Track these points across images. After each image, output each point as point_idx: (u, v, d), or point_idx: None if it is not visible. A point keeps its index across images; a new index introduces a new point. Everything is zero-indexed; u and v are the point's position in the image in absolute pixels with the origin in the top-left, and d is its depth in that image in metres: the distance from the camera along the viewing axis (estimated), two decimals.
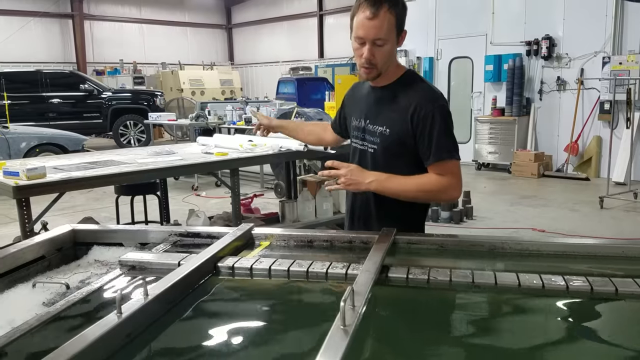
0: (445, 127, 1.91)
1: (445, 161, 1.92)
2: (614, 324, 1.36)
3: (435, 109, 1.90)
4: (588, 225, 6.12)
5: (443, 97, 1.98)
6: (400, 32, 1.88)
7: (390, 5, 1.80)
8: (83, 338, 1.08)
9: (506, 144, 9.58)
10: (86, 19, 19.75)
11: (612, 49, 8.51)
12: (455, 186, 1.96)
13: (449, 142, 1.92)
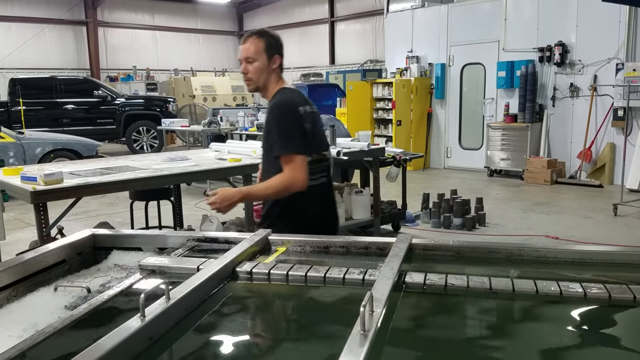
0: (277, 127, 2.38)
1: (282, 157, 2.36)
2: (632, 331, 1.35)
3: (271, 112, 2.42)
4: (602, 233, 6.07)
5: (286, 102, 2.42)
6: (271, 56, 2.43)
7: (258, 35, 2.43)
8: (107, 341, 1.10)
9: (519, 150, 9.54)
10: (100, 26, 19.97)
11: (625, 55, 8.46)
12: (293, 178, 2.34)
13: (282, 140, 2.36)
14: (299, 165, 2.34)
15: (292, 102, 2.41)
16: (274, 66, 2.45)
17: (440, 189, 7.23)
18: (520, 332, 1.35)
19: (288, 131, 2.37)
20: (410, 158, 6.63)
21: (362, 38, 19.10)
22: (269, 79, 2.46)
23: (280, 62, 2.47)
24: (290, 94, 2.47)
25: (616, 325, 1.38)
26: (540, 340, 1.29)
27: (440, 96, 10.98)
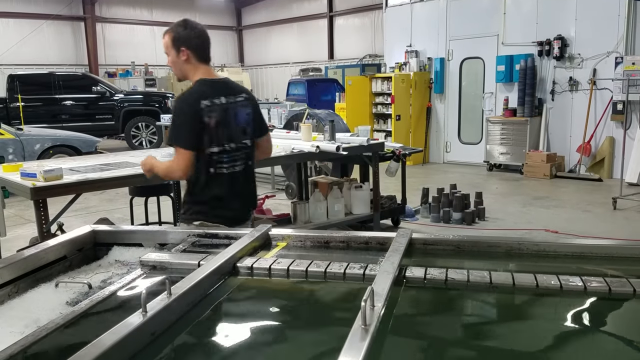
0: (173, 119, 2.65)
1: (173, 146, 2.61)
2: (632, 324, 1.36)
3: (173, 103, 2.76)
4: (601, 227, 6.08)
5: (187, 96, 2.64)
6: (178, 49, 2.61)
7: (169, 30, 2.65)
8: (109, 337, 1.10)
9: (518, 144, 9.54)
10: (98, 22, 19.91)
11: (624, 49, 8.46)
12: (173, 167, 2.62)
13: (172, 132, 2.62)
14: (181, 157, 2.56)
15: (193, 96, 2.60)
16: (183, 58, 2.61)
17: (440, 183, 7.24)
18: (521, 326, 1.36)
19: (178, 125, 2.61)
20: (410, 153, 6.64)
21: (361, 32, 19.06)
22: (185, 70, 2.66)
23: (188, 54, 2.60)
24: (199, 87, 2.63)
25: (616, 319, 1.39)
26: (540, 334, 1.29)
27: (440, 91, 10.97)
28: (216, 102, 2.61)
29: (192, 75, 2.66)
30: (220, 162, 2.64)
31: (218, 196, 2.66)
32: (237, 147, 2.69)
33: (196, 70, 2.65)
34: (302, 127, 5.35)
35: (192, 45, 2.61)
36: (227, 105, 2.65)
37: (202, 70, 2.66)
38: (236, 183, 2.71)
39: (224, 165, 2.65)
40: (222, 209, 2.67)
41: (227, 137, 2.64)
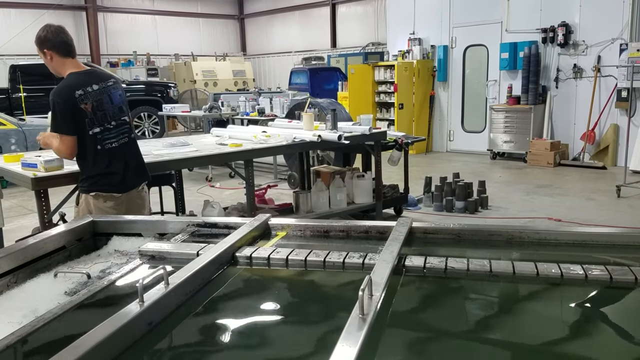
0: (52, 110, 3.01)
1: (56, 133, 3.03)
2: (633, 312, 1.35)
3: (51, 97, 3.02)
4: (605, 214, 6.06)
5: (61, 89, 3.01)
6: (43, 51, 3.02)
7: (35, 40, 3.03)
8: (106, 326, 1.10)
9: (522, 132, 9.49)
10: (99, 11, 19.82)
11: (629, 35, 8.37)
12: (59, 150, 3.06)
13: (54, 122, 3.04)
14: (65, 142, 2.99)
15: (68, 89, 3.00)
16: (49, 58, 3.01)
17: (443, 172, 7.22)
18: (521, 315, 1.35)
19: (58, 116, 2.99)
20: (412, 141, 6.60)
21: (363, 20, 18.93)
22: (57, 68, 3.06)
23: (51, 54, 3.00)
24: (71, 80, 3.03)
25: (618, 307, 1.38)
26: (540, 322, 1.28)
27: (443, 79, 10.90)
28: (89, 90, 3.04)
29: (62, 71, 3.06)
30: (105, 140, 3.09)
31: (108, 168, 3.12)
32: (118, 124, 3.15)
33: (64, 65, 3.05)
34: (303, 116, 5.32)
35: (52, 45, 3.00)
36: (99, 90, 3.08)
37: (69, 64, 3.06)
38: (123, 154, 3.18)
39: (109, 141, 3.11)
40: (113, 179, 3.13)
41: (107, 117, 3.09)
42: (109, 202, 3.15)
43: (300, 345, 1.25)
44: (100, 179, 3.13)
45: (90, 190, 3.14)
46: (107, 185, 3.13)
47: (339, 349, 0.97)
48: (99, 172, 3.12)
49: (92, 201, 3.14)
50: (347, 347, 0.97)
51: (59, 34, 3.04)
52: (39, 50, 3.04)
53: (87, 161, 3.10)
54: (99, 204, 3.14)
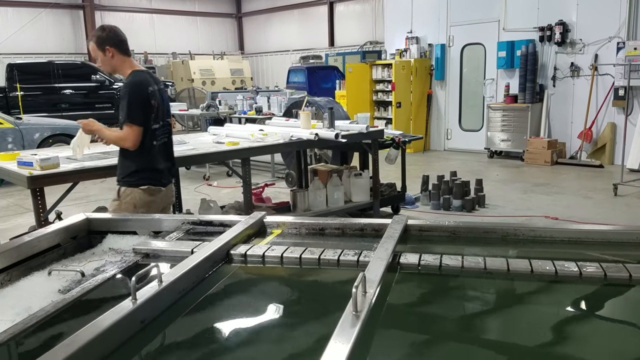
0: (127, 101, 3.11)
1: (125, 123, 3.11)
2: (627, 309, 1.35)
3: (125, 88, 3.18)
4: (602, 213, 6.06)
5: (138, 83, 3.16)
6: (104, 49, 3.13)
7: (91, 36, 3.17)
8: (99, 324, 1.09)
9: (519, 131, 9.49)
10: (97, 10, 19.77)
11: (626, 34, 8.38)
12: (126, 137, 3.13)
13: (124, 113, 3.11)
14: (133, 132, 3.11)
15: (142, 84, 3.17)
16: (110, 55, 3.14)
17: (440, 171, 7.22)
18: (515, 312, 1.35)
19: (133, 106, 3.11)
20: (410, 140, 6.60)
21: (361, 19, 18.92)
22: (117, 65, 3.19)
23: (114, 50, 3.13)
24: (141, 77, 3.21)
25: (612, 304, 1.38)
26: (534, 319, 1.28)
27: (440, 77, 10.90)
28: (155, 89, 3.22)
29: (123, 67, 3.20)
30: (159, 136, 3.28)
31: (159, 163, 3.30)
32: (164, 123, 3.35)
33: (125, 62, 3.21)
34: (301, 115, 5.32)
35: (114, 43, 3.14)
36: (160, 90, 3.30)
37: (129, 62, 3.23)
38: (167, 151, 3.40)
39: (161, 138, 3.30)
40: (161, 174, 3.32)
41: (162, 116, 3.30)
42: (155, 196, 3.29)
43: (295, 342, 1.25)
44: (152, 173, 3.27)
45: (140, 184, 3.23)
46: (157, 179, 3.29)
47: (331, 345, 0.97)
48: (153, 167, 3.27)
49: (138, 195, 3.24)
50: (340, 344, 0.97)
51: (119, 32, 3.20)
52: (98, 49, 3.11)
53: (143, 154, 3.21)
54: (146, 197, 3.25)
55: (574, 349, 1.15)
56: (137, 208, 3.23)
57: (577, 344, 1.17)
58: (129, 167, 3.25)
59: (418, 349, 1.19)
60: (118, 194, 3.30)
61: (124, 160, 3.28)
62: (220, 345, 1.26)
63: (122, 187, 3.27)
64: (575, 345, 1.17)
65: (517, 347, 1.16)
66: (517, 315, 1.32)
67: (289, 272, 1.58)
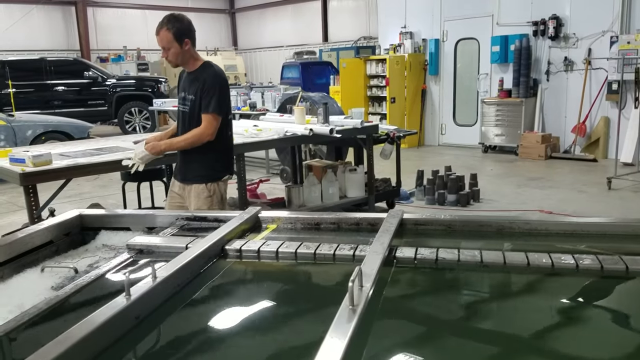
0: (215, 91, 3.05)
1: (208, 114, 3.05)
2: (624, 302, 1.34)
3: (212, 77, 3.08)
4: (596, 207, 6.08)
5: (222, 73, 3.20)
6: (182, 41, 3.02)
7: (168, 26, 2.99)
8: (92, 320, 1.08)
9: (513, 126, 9.50)
10: (89, 6, 19.61)
11: (620, 28, 8.39)
12: (207, 132, 3.07)
13: (214, 104, 3.04)
14: (215, 122, 3.07)
15: (224, 74, 3.21)
16: (186, 48, 3.05)
17: (435, 165, 7.22)
18: (513, 305, 1.34)
19: (222, 96, 3.09)
20: (404, 135, 6.60)
21: (355, 14, 18.86)
22: (186, 57, 3.10)
23: (190, 42, 3.06)
24: (218, 67, 3.21)
25: (609, 296, 1.38)
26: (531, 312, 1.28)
27: (434, 72, 10.89)
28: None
29: (193, 59, 3.13)
30: (231, 126, 3.33)
31: (232, 152, 3.40)
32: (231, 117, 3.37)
33: (195, 54, 3.15)
34: (295, 110, 5.30)
35: (192, 35, 3.08)
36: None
37: (197, 54, 3.18)
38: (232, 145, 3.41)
39: (230, 130, 3.33)
40: (232, 163, 3.43)
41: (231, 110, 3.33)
42: (227, 186, 3.34)
43: (291, 337, 1.24)
44: (229, 163, 3.35)
45: (223, 175, 3.25)
46: (231, 169, 3.39)
47: (328, 340, 0.96)
48: (230, 156, 3.37)
49: (224, 187, 3.27)
50: (337, 339, 0.96)
51: (192, 23, 3.15)
52: (175, 40, 3.01)
53: (224, 145, 3.24)
54: (224, 187, 3.30)
55: (571, 341, 1.15)
56: (224, 200, 3.29)
57: (575, 336, 1.17)
58: (210, 161, 3.20)
59: (415, 343, 1.18)
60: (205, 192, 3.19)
61: (202, 156, 3.18)
62: (216, 341, 1.25)
63: (208, 184, 3.18)
64: (573, 337, 1.17)
65: (514, 340, 1.15)
66: (514, 308, 1.31)
67: (285, 267, 1.57)
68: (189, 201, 3.27)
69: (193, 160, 3.22)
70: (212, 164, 3.22)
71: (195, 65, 3.14)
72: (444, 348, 1.15)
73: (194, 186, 3.23)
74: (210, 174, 3.22)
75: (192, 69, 3.16)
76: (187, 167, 3.27)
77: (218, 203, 3.24)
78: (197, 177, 3.22)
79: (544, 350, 1.10)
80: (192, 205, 3.21)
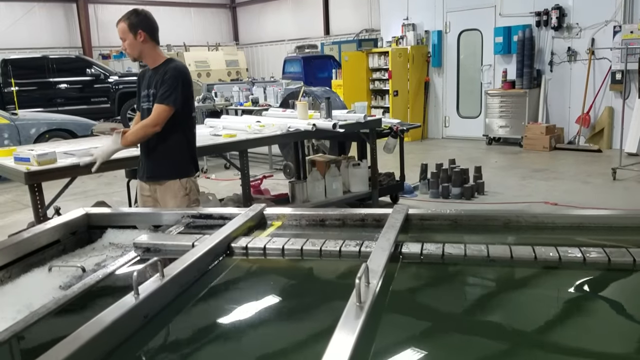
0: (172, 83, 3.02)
1: (158, 104, 3.02)
2: (632, 294, 1.34)
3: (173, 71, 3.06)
4: (601, 197, 6.07)
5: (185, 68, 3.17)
6: (135, 32, 3.05)
7: (124, 17, 3.09)
8: (101, 320, 1.08)
9: (517, 117, 9.48)
10: (90, 3, 19.58)
11: (623, 17, 8.34)
12: (152, 122, 3.03)
13: (169, 96, 3.01)
14: (164, 114, 3.01)
15: (188, 70, 3.18)
16: (140, 39, 3.07)
17: (439, 159, 7.21)
18: (520, 300, 1.34)
19: (181, 91, 3.05)
20: (408, 128, 6.58)
21: (357, 7, 18.78)
22: (144, 51, 3.10)
23: (145, 35, 3.06)
24: (182, 63, 3.23)
25: (616, 289, 1.37)
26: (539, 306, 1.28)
27: (437, 64, 10.86)
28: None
29: (154, 55, 3.14)
30: (194, 125, 3.32)
31: (195, 150, 3.33)
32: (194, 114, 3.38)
33: (155, 49, 3.16)
34: (298, 105, 5.29)
35: (146, 28, 3.09)
36: None
37: (159, 50, 3.20)
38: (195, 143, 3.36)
39: (195, 127, 3.33)
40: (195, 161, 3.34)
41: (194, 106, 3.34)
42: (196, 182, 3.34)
43: (298, 334, 1.24)
44: (194, 161, 3.32)
45: (192, 171, 3.27)
46: (197, 167, 3.35)
47: (336, 337, 0.96)
48: (195, 154, 3.32)
49: (194, 184, 3.28)
50: (345, 335, 0.97)
51: (152, 18, 3.16)
52: (129, 31, 3.04)
53: (190, 143, 3.24)
54: (197, 184, 3.32)
55: (579, 334, 1.15)
56: (198, 199, 3.30)
57: (582, 330, 1.17)
58: (178, 156, 3.19)
59: (422, 338, 1.18)
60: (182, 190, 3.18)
61: (169, 151, 3.17)
62: (224, 338, 1.26)
63: (183, 180, 3.17)
64: (580, 331, 1.17)
65: (523, 334, 1.15)
66: (522, 302, 1.31)
67: (291, 264, 1.57)
68: (164, 202, 3.19)
69: (160, 157, 3.18)
70: (180, 159, 3.20)
71: (157, 62, 3.15)
72: (451, 343, 1.15)
73: (168, 185, 3.16)
74: (181, 169, 3.21)
75: (154, 65, 3.16)
76: (155, 165, 3.22)
77: (196, 201, 3.21)
78: (169, 174, 3.18)
79: (552, 344, 1.10)
80: (169, 206, 3.12)
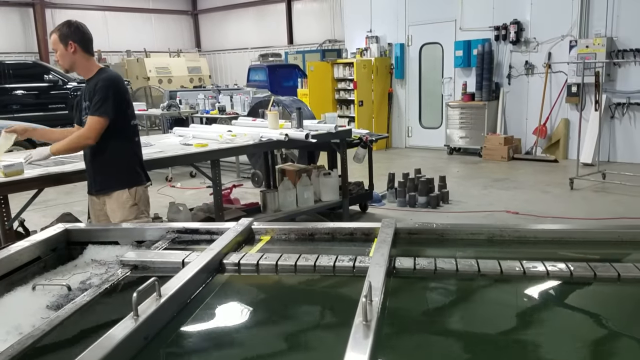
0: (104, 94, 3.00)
1: (91, 116, 3.01)
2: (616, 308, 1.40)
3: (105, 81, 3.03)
4: (561, 207, 6.28)
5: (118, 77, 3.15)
6: (66, 43, 3.03)
7: (54, 30, 3.07)
8: (103, 344, 1.06)
9: (476, 128, 9.73)
10: (47, 7, 19.04)
11: (578, 32, 8.70)
12: (85, 135, 3.03)
13: (101, 107, 2.99)
14: (99, 126, 3.00)
15: (121, 80, 3.17)
16: (71, 50, 3.04)
17: (403, 168, 7.32)
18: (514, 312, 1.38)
19: (114, 100, 3.02)
20: (376, 139, 6.67)
21: (320, 17, 18.92)
22: (77, 63, 3.09)
23: (77, 46, 3.04)
24: (115, 72, 3.23)
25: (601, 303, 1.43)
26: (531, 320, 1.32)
27: (400, 76, 11.04)
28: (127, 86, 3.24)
29: (87, 66, 3.11)
30: (137, 133, 3.29)
31: (141, 159, 3.28)
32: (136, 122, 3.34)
33: (89, 60, 3.12)
34: (268, 115, 5.29)
35: (77, 40, 3.06)
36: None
37: (92, 61, 3.15)
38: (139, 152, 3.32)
39: (138, 135, 3.31)
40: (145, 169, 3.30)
41: (134, 115, 3.28)
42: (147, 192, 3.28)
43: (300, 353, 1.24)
44: (143, 169, 3.27)
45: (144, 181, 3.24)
46: (146, 175, 3.31)
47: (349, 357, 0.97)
48: (142, 163, 3.28)
49: (143, 192, 3.21)
50: (357, 355, 0.98)
51: (85, 30, 3.12)
52: (60, 42, 3.02)
53: (134, 152, 3.21)
54: (147, 194, 3.25)
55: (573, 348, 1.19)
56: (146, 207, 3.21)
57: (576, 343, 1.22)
58: (123, 165, 3.15)
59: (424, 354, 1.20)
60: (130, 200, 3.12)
61: (114, 161, 3.14)
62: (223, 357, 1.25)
63: (131, 189, 3.13)
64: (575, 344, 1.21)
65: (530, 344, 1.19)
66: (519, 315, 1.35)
67: (284, 280, 1.57)
68: (113, 212, 3.11)
69: (105, 169, 3.15)
70: (125, 168, 3.17)
71: (90, 73, 3.13)
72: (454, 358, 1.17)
73: (115, 196, 3.10)
74: (129, 178, 3.16)
75: (87, 76, 3.15)
76: (102, 178, 3.17)
77: (145, 212, 3.15)
78: (116, 184, 3.13)
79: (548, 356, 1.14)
80: (118, 217, 3.07)
